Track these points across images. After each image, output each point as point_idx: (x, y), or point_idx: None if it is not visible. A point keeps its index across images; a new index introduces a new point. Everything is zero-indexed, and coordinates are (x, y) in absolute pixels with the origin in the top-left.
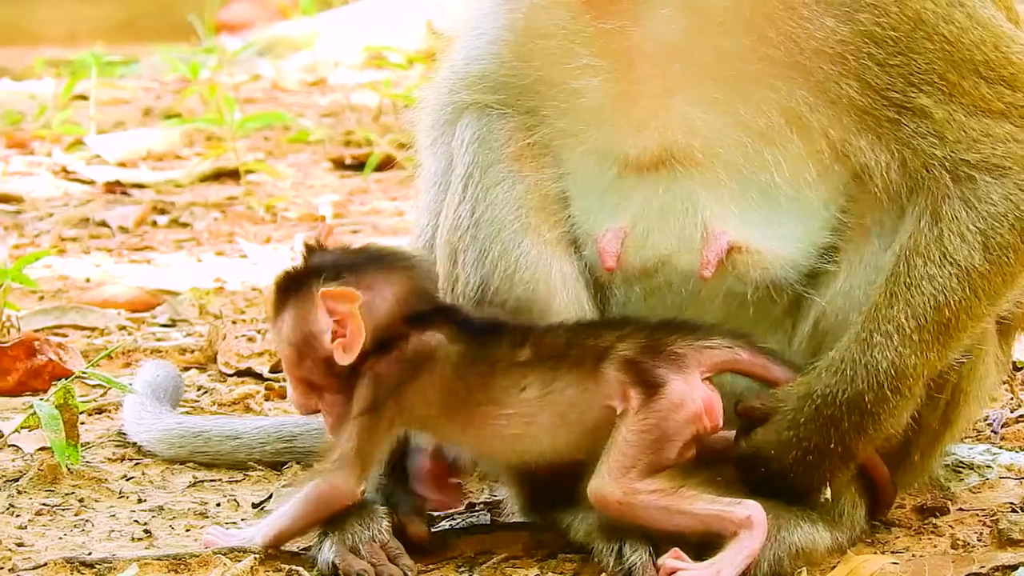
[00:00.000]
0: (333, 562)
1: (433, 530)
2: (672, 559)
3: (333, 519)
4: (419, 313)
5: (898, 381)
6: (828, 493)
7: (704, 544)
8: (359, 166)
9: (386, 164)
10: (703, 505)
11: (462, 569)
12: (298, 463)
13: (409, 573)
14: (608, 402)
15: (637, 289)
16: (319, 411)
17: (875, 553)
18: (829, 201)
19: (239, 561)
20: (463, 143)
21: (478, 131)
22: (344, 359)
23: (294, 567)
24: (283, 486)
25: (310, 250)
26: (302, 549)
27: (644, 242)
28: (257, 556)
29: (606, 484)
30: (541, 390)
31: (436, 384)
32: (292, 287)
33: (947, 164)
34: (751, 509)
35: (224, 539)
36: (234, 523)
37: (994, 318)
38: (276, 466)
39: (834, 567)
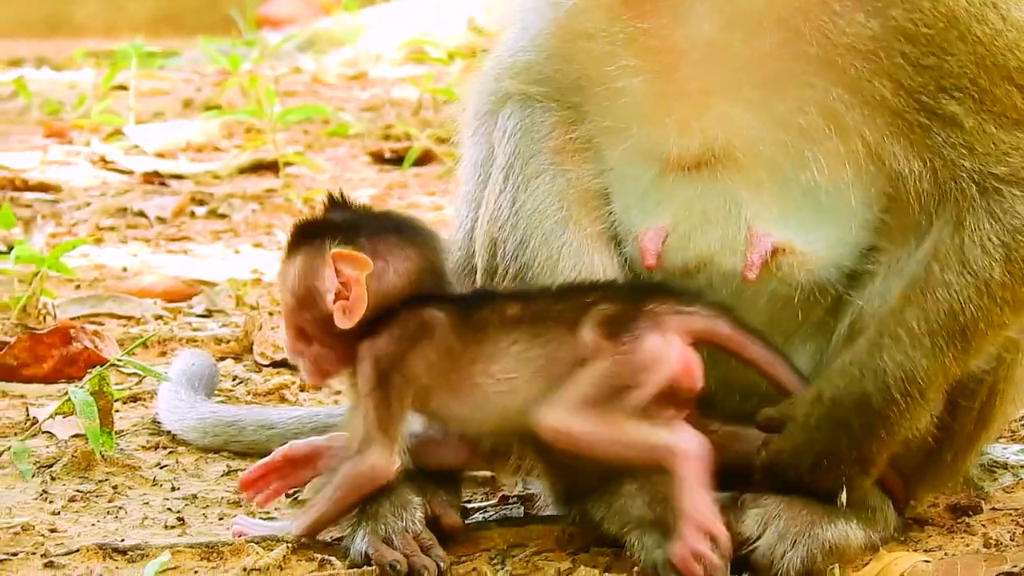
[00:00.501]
0: (366, 552)
1: (466, 522)
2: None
3: (367, 509)
4: (423, 294)
5: (907, 384)
6: (843, 497)
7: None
8: (398, 160)
9: (425, 159)
10: (636, 432)
11: (494, 561)
12: None
13: (442, 564)
14: (583, 355)
15: None
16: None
17: (907, 551)
18: (871, 202)
19: (271, 550)
20: (505, 133)
21: (520, 121)
22: (344, 323)
23: (326, 557)
24: (313, 476)
25: (333, 204)
26: (335, 539)
27: (686, 242)
28: (289, 545)
29: (551, 410)
30: (527, 344)
31: (435, 347)
32: (307, 238)
33: (975, 176)
34: (681, 436)
35: (255, 529)
36: (267, 513)
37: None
38: None
39: (867, 564)
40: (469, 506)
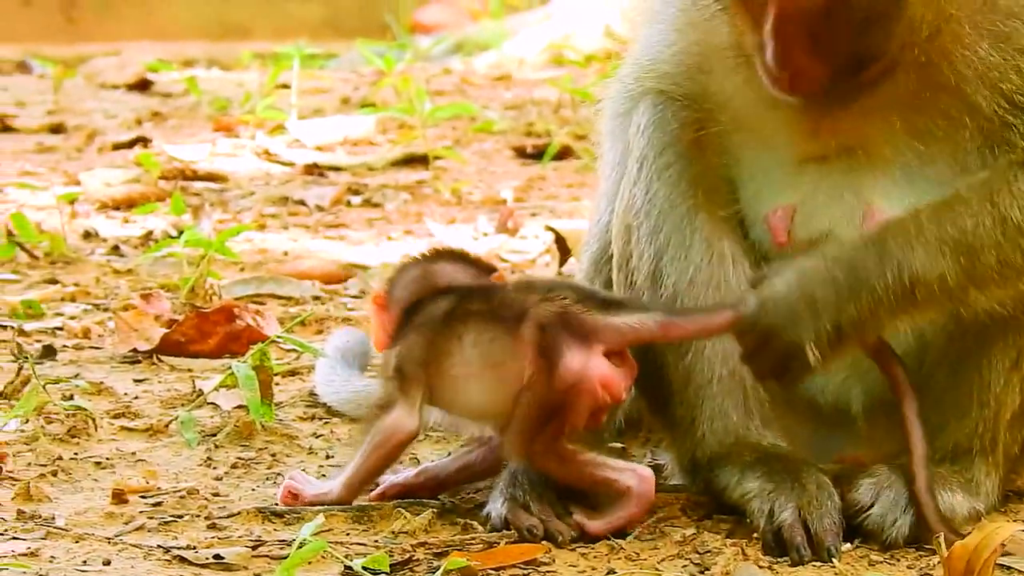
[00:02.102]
0: (505, 517)
1: None
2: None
3: (507, 479)
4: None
5: (900, 272)
6: (812, 354)
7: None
8: (538, 155)
9: (564, 153)
10: (594, 468)
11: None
12: None
13: (574, 531)
14: (524, 362)
15: None
16: None
17: (1008, 521)
18: None
19: (418, 514)
20: (639, 128)
21: (654, 117)
22: (377, 348)
23: (469, 521)
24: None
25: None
26: (477, 505)
27: (811, 219)
28: (435, 510)
29: (510, 439)
30: (476, 341)
31: (428, 337)
32: None
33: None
34: (634, 479)
35: (307, 486)
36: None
37: None
38: None
39: (970, 532)
40: None
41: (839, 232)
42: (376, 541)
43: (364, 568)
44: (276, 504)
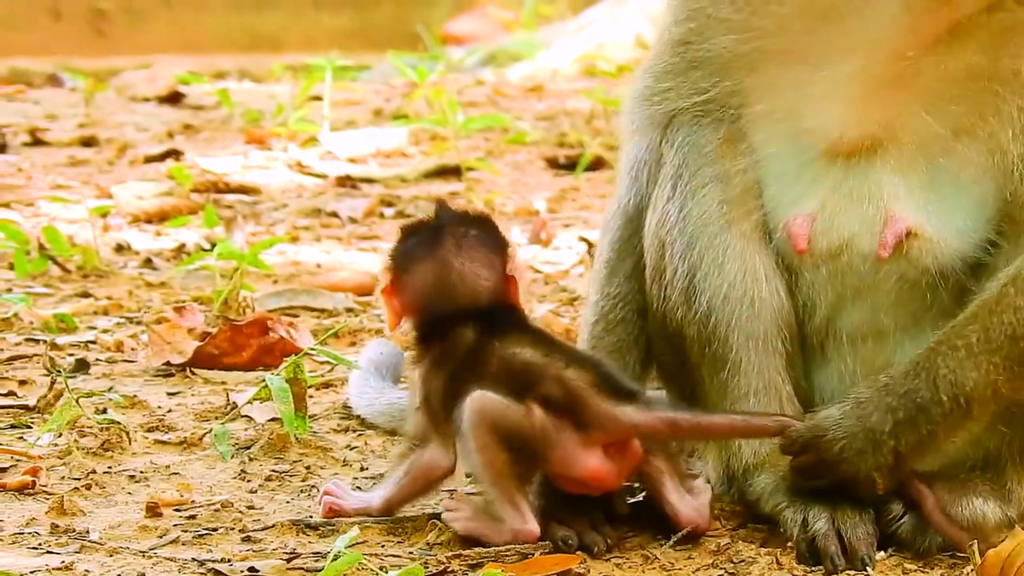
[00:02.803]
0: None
1: (631, 501)
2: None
3: (541, 488)
4: (455, 310)
5: (955, 391)
6: (879, 484)
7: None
8: (571, 166)
9: (597, 164)
10: (505, 495)
11: (659, 537)
12: None
13: (609, 541)
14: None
15: (824, 271)
16: None
17: None
18: (1001, 200)
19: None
20: (673, 145)
21: (687, 136)
22: (387, 330)
23: None
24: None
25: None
26: None
27: (830, 225)
28: None
29: (474, 407)
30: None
31: (450, 374)
32: None
33: None
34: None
35: (346, 497)
36: (446, 489)
37: None
38: None
39: (1002, 540)
40: (636, 486)
41: (858, 241)
42: (411, 553)
43: None
44: (311, 516)
